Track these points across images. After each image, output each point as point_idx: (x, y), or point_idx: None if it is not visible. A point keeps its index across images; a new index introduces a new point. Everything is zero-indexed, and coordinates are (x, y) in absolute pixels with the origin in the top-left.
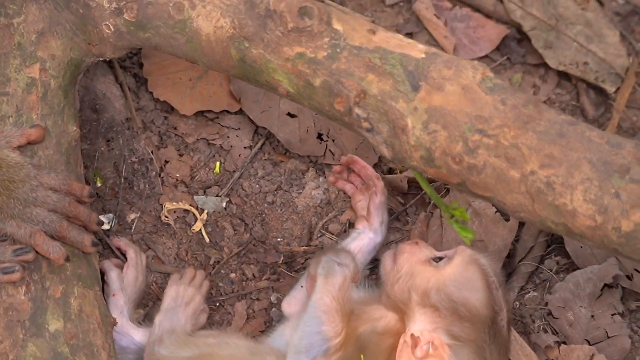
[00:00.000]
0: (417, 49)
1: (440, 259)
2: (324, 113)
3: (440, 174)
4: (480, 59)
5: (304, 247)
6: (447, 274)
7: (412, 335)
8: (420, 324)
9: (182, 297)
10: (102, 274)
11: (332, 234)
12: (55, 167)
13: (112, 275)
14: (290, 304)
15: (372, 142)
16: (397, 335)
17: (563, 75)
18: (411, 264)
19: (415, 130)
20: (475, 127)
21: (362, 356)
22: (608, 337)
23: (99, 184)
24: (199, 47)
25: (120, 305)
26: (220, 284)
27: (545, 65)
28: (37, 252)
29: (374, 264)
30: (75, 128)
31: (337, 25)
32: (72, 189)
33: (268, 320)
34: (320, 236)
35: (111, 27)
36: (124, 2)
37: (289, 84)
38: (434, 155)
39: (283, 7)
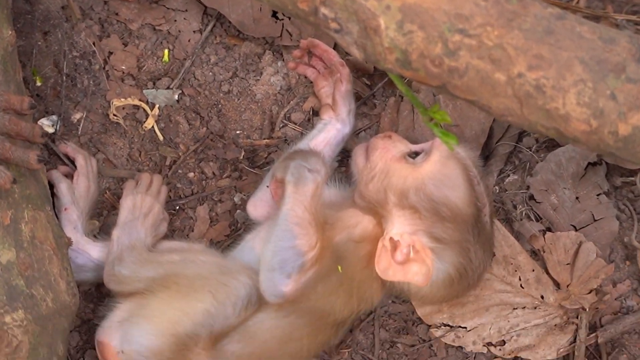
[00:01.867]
0: None
1: (417, 153)
2: (286, 12)
3: (418, 76)
4: None
5: (266, 140)
6: (425, 171)
7: (391, 239)
8: (400, 226)
9: (140, 207)
10: (51, 185)
11: (295, 124)
12: None
13: (62, 187)
14: (256, 207)
15: (341, 43)
16: (375, 241)
17: None
18: (385, 161)
19: (388, 31)
20: (455, 27)
21: (339, 267)
22: (595, 220)
23: (38, 84)
24: None
25: (73, 220)
26: (179, 185)
27: None
28: None
29: (343, 154)
30: (10, 32)
31: None
32: (11, 103)
33: (233, 223)
34: (283, 127)
35: None
36: None
37: None
38: (410, 58)
39: None
